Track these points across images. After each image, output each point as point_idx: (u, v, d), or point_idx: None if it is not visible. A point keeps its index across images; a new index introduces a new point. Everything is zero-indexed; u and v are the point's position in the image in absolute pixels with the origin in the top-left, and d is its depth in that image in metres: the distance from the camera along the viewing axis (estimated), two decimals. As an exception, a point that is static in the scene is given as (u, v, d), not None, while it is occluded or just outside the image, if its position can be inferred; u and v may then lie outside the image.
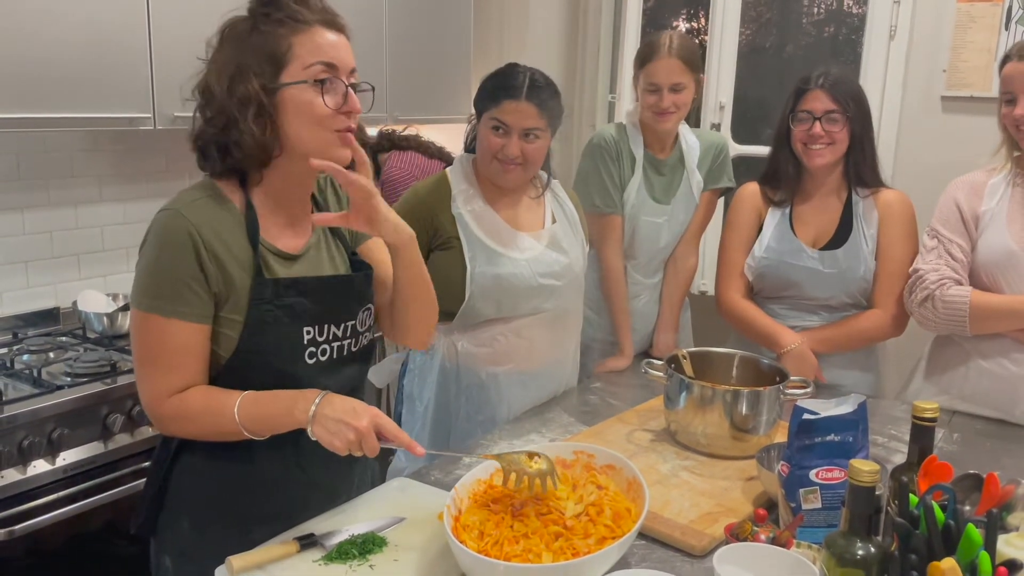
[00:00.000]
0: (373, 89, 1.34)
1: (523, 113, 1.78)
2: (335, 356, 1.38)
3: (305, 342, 1.33)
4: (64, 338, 2.34)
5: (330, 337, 1.36)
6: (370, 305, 1.45)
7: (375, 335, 1.49)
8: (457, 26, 3.14)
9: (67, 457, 1.94)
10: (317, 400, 1.25)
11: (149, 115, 2.21)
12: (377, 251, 1.50)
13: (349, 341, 1.40)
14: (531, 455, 1.29)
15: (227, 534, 1.31)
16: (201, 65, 1.30)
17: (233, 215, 1.30)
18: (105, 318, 2.32)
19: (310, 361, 1.34)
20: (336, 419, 1.23)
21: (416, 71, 2.92)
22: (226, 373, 1.30)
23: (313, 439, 1.24)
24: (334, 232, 1.45)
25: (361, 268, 1.45)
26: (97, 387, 1.99)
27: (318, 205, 1.44)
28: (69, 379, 2.01)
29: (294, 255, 1.35)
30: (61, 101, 2.04)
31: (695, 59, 2.19)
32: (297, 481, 1.39)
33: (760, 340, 2.11)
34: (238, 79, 1.24)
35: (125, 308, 2.40)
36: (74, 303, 2.40)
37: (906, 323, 2.06)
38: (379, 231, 1.34)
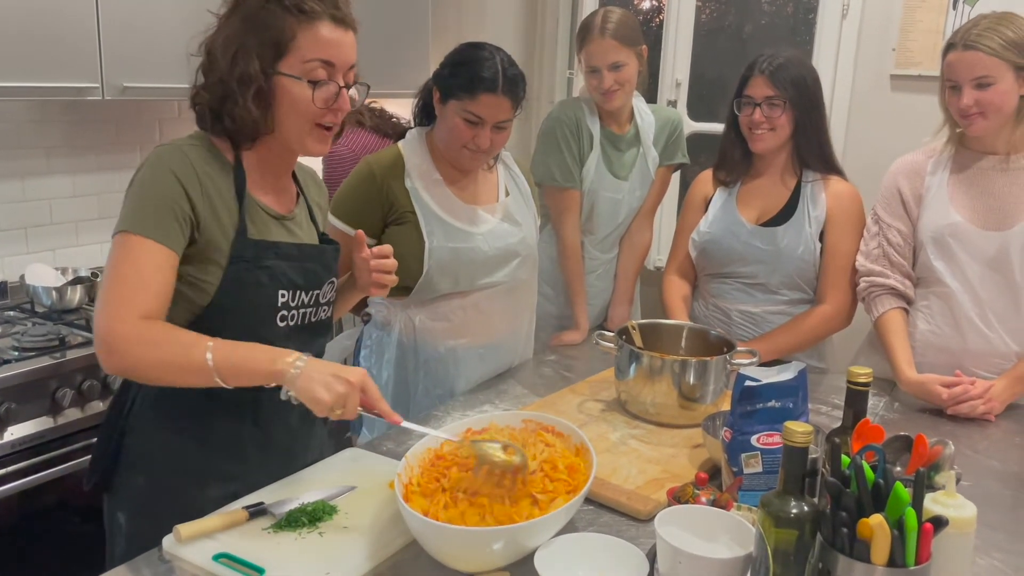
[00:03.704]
0: (368, 87, 1.39)
1: (499, 107, 1.77)
2: (301, 323, 1.41)
3: (279, 304, 1.36)
4: (11, 312, 2.30)
5: (299, 304, 1.39)
6: (333, 279, 1.49)
7: (331, 311, 1.51)
8: (415, -1, 3.11)
9: (15, 432, 1.91)
10: (304, 356, 1.23)
11: (97, 85, 2.16)
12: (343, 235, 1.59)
13: (311, 310, 1.43)
14: (507, 448, 1.26)
15: (183, 491, 1.33)
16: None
17: (225, 167, 1.33)
18: (53, 292, 2.28)
19: (280, 324, 1.37)
20: (329, 372, 1.21)
21: (373, 44, 2.89)
22: (196, 329, 1.28)
23: (284, 398, 1.22)
24: (309, 208, 1.51)
25: (330, 244, 1.50)
26: (45, 361, 1.97)
27: (298, 183, 1.50)
28: (17, 353, 1.98)
29: (283, 215, 1.41)
30: (7, 70, 1.99)
31: (632, 33, 2.18)
32: (255, 440, 1.41)
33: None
34: (241, 56, 1.27)
35: (74, 282, 2.36)
36: (21, 277, 2.36)
37: (853, 314, 2.10)
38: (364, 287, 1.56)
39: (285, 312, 1.37)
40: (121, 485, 1.40)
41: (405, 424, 1.29)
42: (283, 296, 1.36)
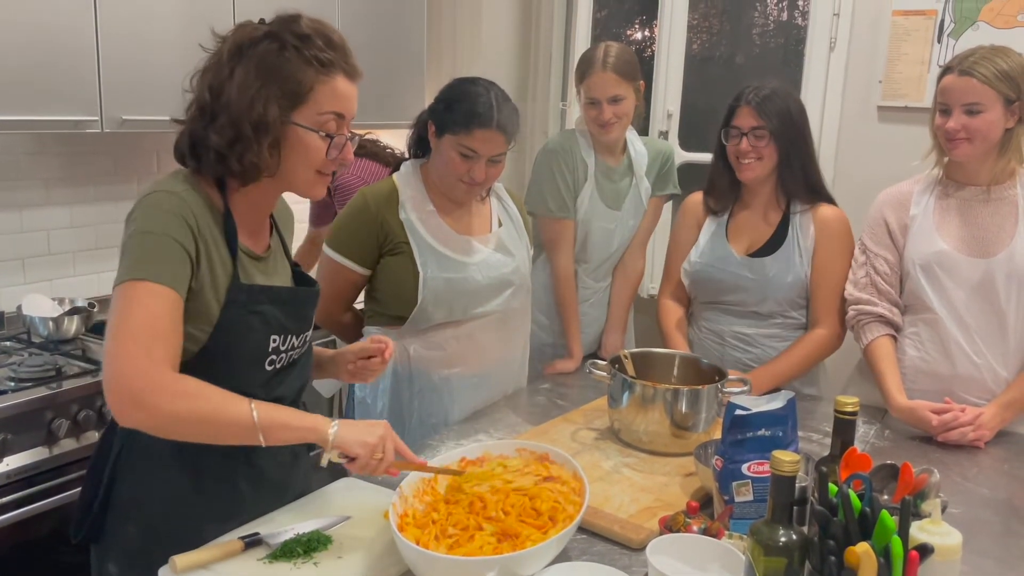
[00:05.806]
0: (354, 136, 1.39)
1: (494, 142, 1.80)
2: (286, 364, 1.41)
3: (269, 350, 1.35)
4: (8, 343, 2.31)
5: (289, 347, 1.39)
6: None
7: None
8: (411, 31, 3.16)
9: (11, 463, 1.91)
10: (335, 421, 1.29)
11: (96, 118, 2.19)
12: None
13: (299, 351, 1.44)
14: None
15: (177, 536, 1.29)
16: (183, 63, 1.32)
17: (215, 213, 1.32)
18: (50, 322, 2.29)
19: (268, 368, 1.36)
20: (363, 426, 1.30)
21: (369, 76, 2.92)
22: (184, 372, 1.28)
23: (325, 464, 1.29)
24: (283, 241, 1.50)
25: (308, 282, 1.51)
26: (42, 392, 1.97)
27: (273, 219, 1.48)
28: (13, 384, 1.99)
29: (260, 256, 1.39)
30: (6, 103, 2.02)
31: (631, 69, 2.24)
32: (246, 477, 1.40)
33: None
34: (259, 102, 1.25)
35: (71, 312, 2.37)
36: (19, 307, 2.37)
37: (844, 336, 2.12)
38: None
39: (275, 357, 1.36)
40: (110, 534, 1.37)
41: (431, 465, 1.36)
42: (274, 341, 1.35)
